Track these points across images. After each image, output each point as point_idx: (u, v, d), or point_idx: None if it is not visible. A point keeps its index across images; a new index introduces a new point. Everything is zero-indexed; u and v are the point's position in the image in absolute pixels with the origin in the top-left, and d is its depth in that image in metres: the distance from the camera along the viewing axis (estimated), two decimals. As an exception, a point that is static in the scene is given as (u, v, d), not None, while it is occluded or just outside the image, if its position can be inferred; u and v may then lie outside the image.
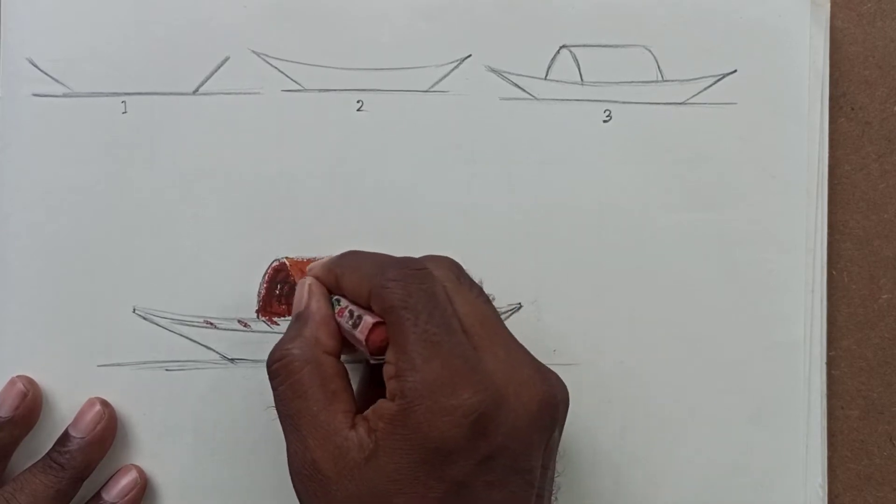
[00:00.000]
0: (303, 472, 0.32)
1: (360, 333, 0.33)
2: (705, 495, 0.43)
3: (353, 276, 0.35)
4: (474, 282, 0.35)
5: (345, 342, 0.36)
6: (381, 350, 0.33)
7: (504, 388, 0.32)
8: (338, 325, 0.36)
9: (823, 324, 0.43)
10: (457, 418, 0.31)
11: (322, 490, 0.32)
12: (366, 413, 0.33)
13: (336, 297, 0.37)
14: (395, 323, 0.32)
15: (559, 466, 0.35)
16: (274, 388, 0.34)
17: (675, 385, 0.43)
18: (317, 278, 0.38)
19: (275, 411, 0.35)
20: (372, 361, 0.34)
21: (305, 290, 0.37)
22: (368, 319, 0.33)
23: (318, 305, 0.36)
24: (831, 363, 0.44)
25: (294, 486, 0.33)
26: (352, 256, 0.37)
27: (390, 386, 0.32)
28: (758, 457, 0.43)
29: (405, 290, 0.33)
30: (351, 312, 0.35)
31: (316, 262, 0.38)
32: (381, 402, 0.32)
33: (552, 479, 0.35)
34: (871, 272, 0.45)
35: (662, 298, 0.43)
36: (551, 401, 0.33)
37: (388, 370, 0.32)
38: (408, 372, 0.31)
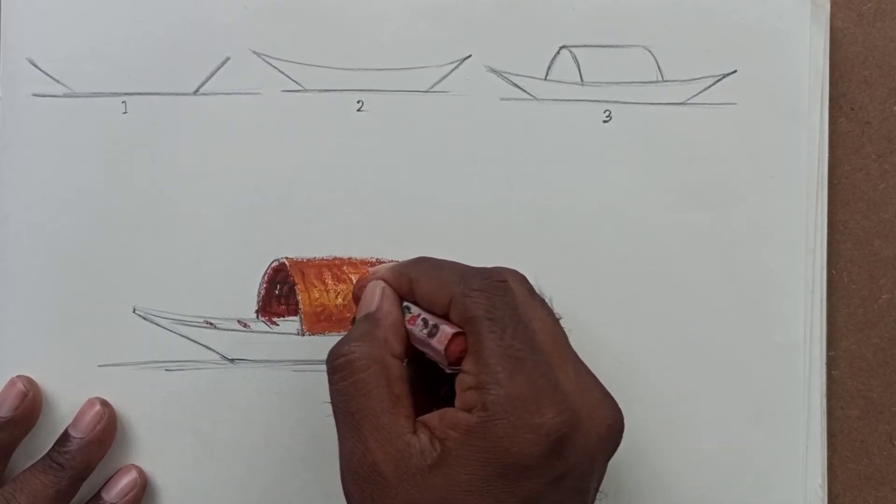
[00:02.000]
0: (360, 472, 0.32)
1: (439, 343, 0.33)
2: (705, 495, 0.43)
3: (430, 283, 0.35)
4: (544, 299, 0.35)
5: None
6: (459, 361, 0.33)
7: (580, 410, 0.32)
8: (406, 332, 0.35)
9: (823, 324, 0.43)
10: (539, 437, 0.31)
11: (380, 493, 0.31)
12: (424, 419, 0.33)
13: (406, 304, 0.36)
14: (477, 334, 0.32)
15: (605, 487, 0.35)
16: (334, 383, 0.34)
17: (674, 385, 0.43)
18: (385, 281, 0.37)
19: (328, 406, 0.34)
20: (448, 371, 0.33)
21: (378, 292, 0.36)
22: (448, 329, 0.33)
23: (390, 309, 0.35)
24: (831, 363, 0.44)
25: (345, 486, 0.33)
26: (427, 263, 0.37)
27: (467, 397, 0.32)
28: (757, 457, 0.43)
29: (490, 301, 0.33)
30: (425, 321, 0.34)
31: (381, 266, 0.37)
32: (451, 411, 0.32)
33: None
34: (871, 272, 0.45)
35: (662, 298, 0.43)
36: (618, 425, 0.34)
37: (465, 380, 0.32)
38: (491, 385, 0.31)
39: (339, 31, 0.43)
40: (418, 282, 0.35)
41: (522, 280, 0.35)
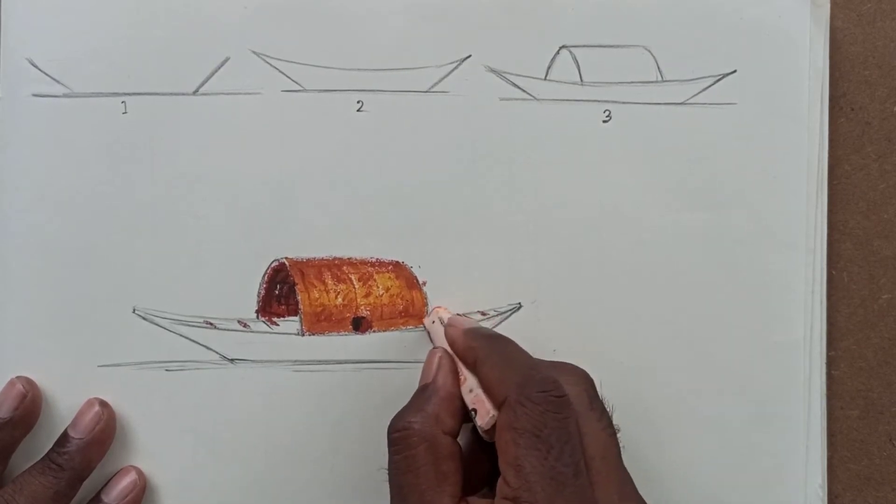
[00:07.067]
0: None
1: (480, 419, 0.35)
2: (705, 496, 0.43)
3: (492, 371, 0.35)
4: (604, 408, 0.35)
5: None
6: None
7: None
8: (461, 403, 0.37)
9: (823, 324, 0.43)
10: None
11: None
12: (471, 501, 0.34)
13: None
14: (523, 446, 0.32)
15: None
16: (390, 455, 0.35)
17: (675, 385, 0.43)
18: (451, 342, 0.38)
19: (385, 472, 0.36)
20: (486, 439, 0.35)
21: (435, 363, 0.38)
22: (492, 411, 0.34)
23: (444, 381, 0.37)
24: (831, 363, 0.44)
25: None
26: (496, 347, 0.37)
27: None
28: (758, 457, 0.43)
29: (542, 418, 0.33)
30: (471, 390, 0.36)
31: (457, 325, 0.39)
32: None
33: None
34: (871, 272, 0.45)
35: (662, 298, 0.43)
36: None
37: (504, 490, 0.32)
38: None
39: (339, 31, 0.43)
40: (482, 365, 0.36)
41: (586, 385, 0.35)
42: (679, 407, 0.43)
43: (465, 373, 0.37)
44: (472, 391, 0.36)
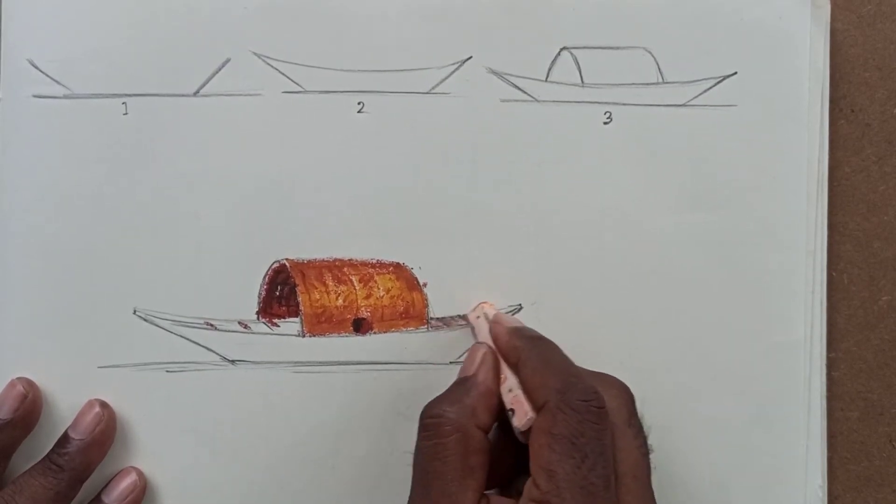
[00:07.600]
0: None
1: (517, 420, 0.35)
2: (705, 495, 0.43)
3: (533, 375, 0.35)
4: (641, 426, 0.35)
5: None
6: None
7: None
8: (497, 401, 0.36)
9: (823, 325, 0.43)
10: None
11: None
12: (492, 501, 0.34)
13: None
14: (558, 451, 0.32)
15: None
16: (419, 440, 0.35)
17: (675, 386, 0.43)
18: (495, 339, 0.38)
19: (409, 456, 0.35)
20: (521, 440, 0.35)
21: (478, 358, 0.37)
22: (530, 413, 0.34)
23: (485, 377, 0.37)
24: (831, 365, 0.44)
25: None
26: (538, 350, 0.37)
27: None
28: (758, 458, 0.43)
29: (580, 427, 0.33)
30: (511, 390, 0.36)
31: (503, 323, 0.39)
32: None
33: None
34: (871, 274, 0.45)
35: (662, 299, 0.43)
36: None
37: (533, 492, 0.32)
38: None
39: (339, 32, 0.43)
40: (524, 366, 0.36)
41: (626, 400, 0.35)
42: (679, 407, 0.43)
43: (506, 372, 0.37)
44: (512, 391, 0.36)
